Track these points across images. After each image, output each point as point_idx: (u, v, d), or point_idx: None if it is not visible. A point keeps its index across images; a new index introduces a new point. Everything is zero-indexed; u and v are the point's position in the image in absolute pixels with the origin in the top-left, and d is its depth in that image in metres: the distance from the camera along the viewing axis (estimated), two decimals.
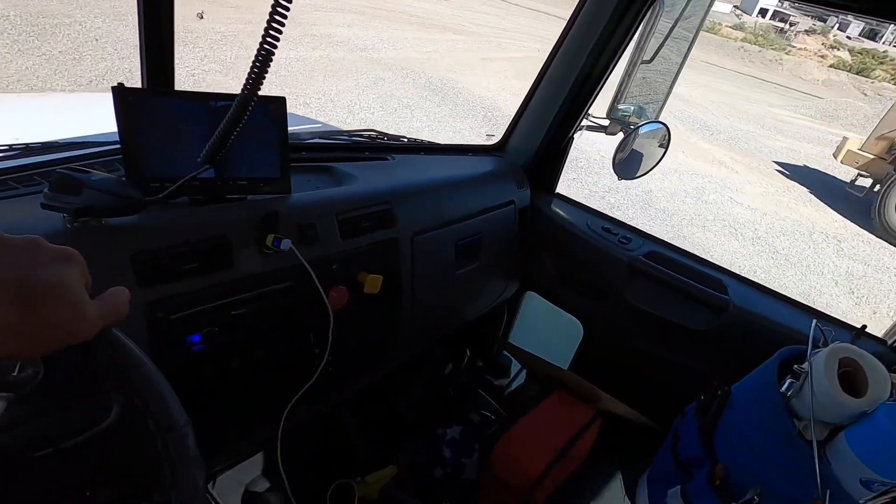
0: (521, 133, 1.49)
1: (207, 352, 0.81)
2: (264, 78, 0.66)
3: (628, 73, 1.43)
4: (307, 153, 1.14)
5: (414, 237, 1.13)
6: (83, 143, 0.94)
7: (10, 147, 0.86)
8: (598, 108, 1.50)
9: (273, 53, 0.64)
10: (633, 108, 1.57)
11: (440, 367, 1.62)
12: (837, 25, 34.86)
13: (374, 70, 7.31)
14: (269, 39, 0.61)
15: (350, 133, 1.34)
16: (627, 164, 1.55)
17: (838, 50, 28.16)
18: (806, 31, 32.59)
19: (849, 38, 33.68)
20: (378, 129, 1.41)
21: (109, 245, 0.69)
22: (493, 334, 1.75)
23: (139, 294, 0.71)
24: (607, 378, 1.49)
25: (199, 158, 0.73)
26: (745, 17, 34.32)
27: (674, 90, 1.54)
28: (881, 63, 25.60)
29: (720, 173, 7.25)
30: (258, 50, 0.62)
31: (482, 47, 11.05)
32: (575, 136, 1.48)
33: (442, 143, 1.51)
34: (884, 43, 33.53)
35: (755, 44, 26.71)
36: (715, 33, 28.53)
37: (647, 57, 1.43)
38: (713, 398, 1.08)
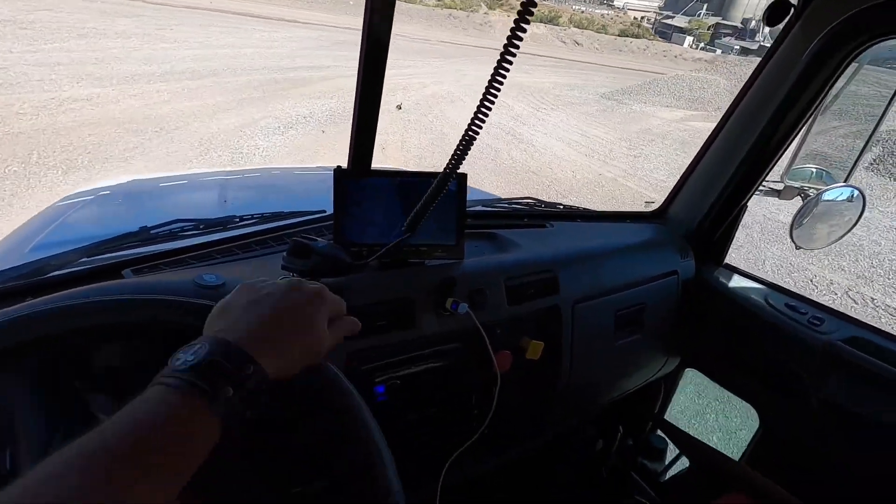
0: (685, 200, 1.42)
1: (389, 403, 0.88)
2: (464, 158, 0.74)
3: (809, 131, 1.30)
4: (471, 220, 1.22)
5: (575, 305, 1.13)
6: (296, 213, 1.12)
7: (252, 216, 1.07)
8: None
9: (475, 139, 0.72)
10: (814, 170, 1.42)
11: (591, 445, 1.53)
12: None
13: None
14: (473, 128, 0.69)
15: (510, 201, 1.40)
16: (809, 232, 1.39)
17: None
18: None
19: None
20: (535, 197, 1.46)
21: None
22: (648, 412, 1.62)
23: (341, 346, 0.80)
24: (792, 484, 1.27)
25: (402, 227, 0.83)
26: None
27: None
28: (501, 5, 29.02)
29: None
30: (463, 135, 0.70)
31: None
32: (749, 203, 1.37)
33: (599, 210, 1.50)
34: None
35: (460, 9, 27.25)
36: (416, 3, 29.61)
37: (833, 113, 1.30)
38: None
